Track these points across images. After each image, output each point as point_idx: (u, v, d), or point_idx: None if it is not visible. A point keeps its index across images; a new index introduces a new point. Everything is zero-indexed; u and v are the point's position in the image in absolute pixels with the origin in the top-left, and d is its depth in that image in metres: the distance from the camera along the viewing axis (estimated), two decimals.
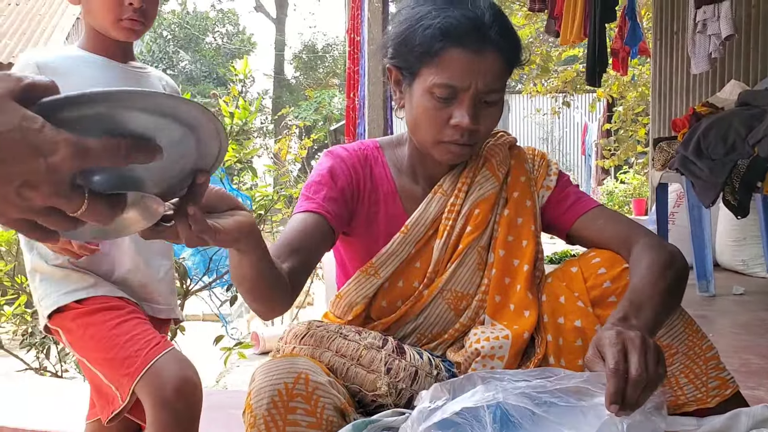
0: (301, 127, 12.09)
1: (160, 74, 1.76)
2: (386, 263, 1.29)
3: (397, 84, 1.29)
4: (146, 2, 1.56)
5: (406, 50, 1.22)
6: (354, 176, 1.32)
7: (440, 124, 1.21)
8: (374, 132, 4.01)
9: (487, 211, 1.30)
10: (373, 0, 3.93)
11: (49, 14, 10.12)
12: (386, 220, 1.32)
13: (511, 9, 7.79)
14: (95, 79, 1.58)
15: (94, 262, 1.57)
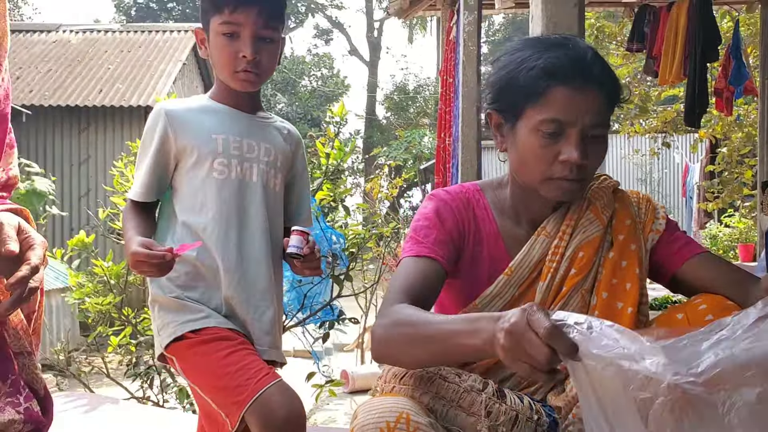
0: (392, 167, 12.24)
1: (283, 124, 1.85)
2: (489, 305, 1.29)
3: (497, 128, 1.33)
4: (260, 54, 1.64)
5: (509, 93, 1.27)
6: (459, 218, 1.34)
7: (549, 161, 1.23)
8: (467, 172, 4.02)
9: (591, 254, 1.30)
10: (467, 44, 3.98)
11: (156, 61, 10.73)
12: (489, 261, 1.33)
13: (608, 49, 7.69)
14: (217, 126, 1.70)
15: (205, 297, 1.65)
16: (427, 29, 24.34)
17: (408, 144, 19.88)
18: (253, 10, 1.63)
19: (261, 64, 1.67)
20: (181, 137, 1.69)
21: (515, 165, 1.31)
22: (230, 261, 1.65)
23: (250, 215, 1.69)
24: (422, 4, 6.38)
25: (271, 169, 1.74)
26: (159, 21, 24.35)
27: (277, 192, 1.76)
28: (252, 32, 1.64)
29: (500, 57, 1.35)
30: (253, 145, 1.73)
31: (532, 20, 1.91)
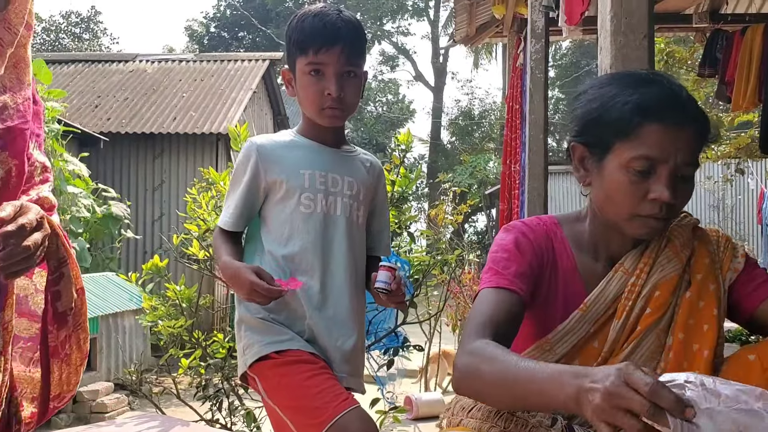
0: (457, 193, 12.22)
1: (366, 157, 1.92)
2: (562, 340, 1.28)
3: (581, 161, 1.32)
4: (344, 91, 1.72)
5: (598, 127, 1.26)
6: (537, 251, 1.33)
7: (637, 199, 1.21)
8: (534, 200, 4.00)
9: (668, 293, 1.27)
10: (535, 71, 3.98)
11: (228, 89, 11.05)
12: (564, 296, 1.32)
13: (678, 75, 7.54)
14: (304, 162, 1.78)
15: (289, 321, 1.72)
16: (493, 54, 24.35)
17: (473, 169, 19.81)
18: (336, 50, 1.71)
19: (345, 100, 1.75)
20: (271, 172, 1.78)
21: (600, 200, 1.29)
22: (314, 290, 1.72)
23: (333, 247, 1.76)
24: (488, 31, 6.40)
25: (354, 202, 1.81)
26: (230, 50, 25.11)
27: (359, 224, 1.82)
28: (336, 70, 1.72)
29: (587, 90, 1.34)
30: (337, 180, 1.80)
31: (601, 52, 1.91)
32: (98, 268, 8.32)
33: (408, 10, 28.48)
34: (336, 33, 1.73)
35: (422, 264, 4.39)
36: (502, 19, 5.84)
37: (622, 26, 1.81)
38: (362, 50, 1.78)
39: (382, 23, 28.34)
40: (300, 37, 1.73)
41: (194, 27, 28.89)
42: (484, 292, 1.27)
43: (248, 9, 26.51)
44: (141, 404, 6.43)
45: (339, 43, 1.72)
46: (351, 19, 1.77)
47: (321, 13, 1.74)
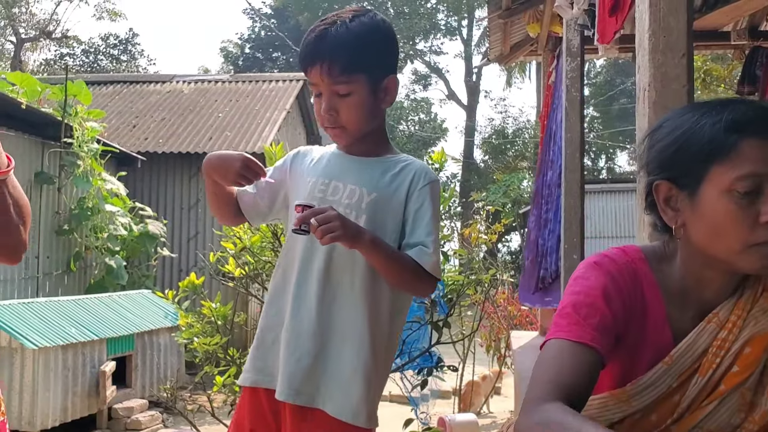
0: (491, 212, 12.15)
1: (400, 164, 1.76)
2: (642, 394, 1.17)
3: (667, 201, 1.19)
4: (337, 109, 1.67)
5: (686, 155, 1.14)
6: (626, 300, 1.19)
7: (748, 226, 1.09)
8: (571, 219, 3.96)
9: (759, 351, 1.15)
10: (571, 89, 3.95)
11: (263, 110, 11.18)
12: (651, 347, 1.20)
13: (716, 92, 7.44)
14: (313, 170, 1.77)
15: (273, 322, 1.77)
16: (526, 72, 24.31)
17: (506, 188, 19.72)
18: (316, 67, 1.65)
19: (340, 118, 1.68)
20: (291, 175, 1.81)
21: (703, 239, 1.14)
22: (288, 299, 1.70)
23: (314, 258, 1.69)
24: (523, 50, 6.39)
25: (351, 211, 1.68)
26: (264, 70, 25.44)
27: None
28: (325, 90, 1.66)
29: (662, 123, 1.23)
30: (339, 187, 1.72)
31: (639, 70, 1.89)
32: (134, 286, 8.43)
33: (441, 29, 28.62)
34: (314, 50, 1.65)
35: (456, 283, 4.36)
36: (537, 37, 5.83)
37: (661, 44, 1.79)
38: (352, 63, 1.64)
39: (415, 42, 28.50)
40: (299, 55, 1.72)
41: (229, 48, 29.39)
42: (558, 344, 1.12)
43: (282, 30, 26.88)
44: (175, 421, 6.47)
45: (317, 60, 1.64)
46: (341, 32, 1.64)
47: (312, 29, 1.68)
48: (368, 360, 1.65)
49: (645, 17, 1.82)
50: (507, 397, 7.40)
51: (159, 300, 6.86)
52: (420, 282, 1.67)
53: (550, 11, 4.88)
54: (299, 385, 1.65)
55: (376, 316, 1.68)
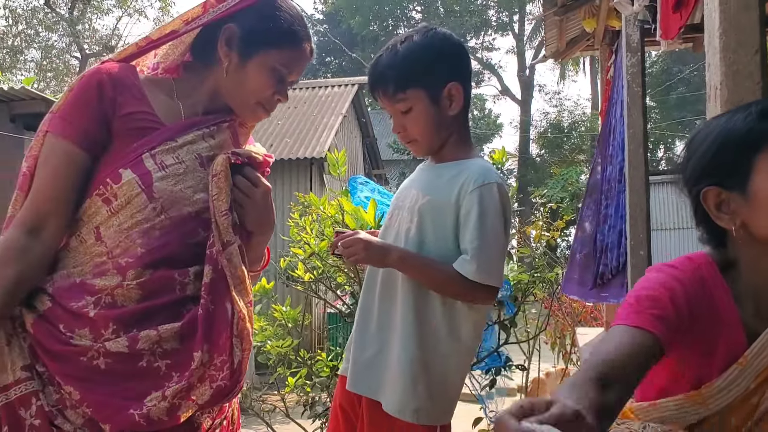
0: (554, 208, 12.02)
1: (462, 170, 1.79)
2: (717, 396, 1.18)
3: (718, 207, 1.19)
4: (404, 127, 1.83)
5: (727, 154, 1.16)
6: (695, 303, 1.19)
7: None
8: (636, 216, 3.92)
9: None
10: (632, 85, 3.92)
11: (320, 115, 11.35)
12: (725, 350, 1.20)
13: None
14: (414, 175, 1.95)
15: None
16: (580, 65, 23.95)
17: (564, 182, 19.48)
18: (378, 94, 1.82)
19: (409, 135, 1.82)
20: None
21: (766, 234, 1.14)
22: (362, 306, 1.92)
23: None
24: (579, 45, 6.33)
25: (409, 214, 1.81)
26: (318, 75, 25.74)
27: (409, 237, 1.78)
28: (390, 110, 1.83)
29: (695, 136, 1.26)
30: (408, 193, 1.86)
31: (709, 69, 1.89)
32: None
33: (492, 25, 28.44)
34: (372, 79, 1.83)
35: (522, 283, 4.37)
36: (593, 32, 5.77)
37: (732, 42, 1.77)
38: (404, 80, 1.75)
39: (467, 40, 28.38)
40: None
41: None
42: (615, 329, 1.13)
43: (335, 35, 27.13)
44: (247, 422, 6.63)
45: (377, 89, 1.82)
46: (390, 56, 1.77)
47: (373, 60, 1.87)
48: (414, 357, 1.71)
49: (714, 15, 1.81)
50: None
51: None
52: (466, 289, 1.70)
53: (607, 6, 4.84)
54: (361, 378, 1.82)
55: (425, 316, 1.75)
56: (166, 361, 1.36)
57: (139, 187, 1.38)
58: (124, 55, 1.53)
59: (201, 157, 1.46)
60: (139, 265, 1.37)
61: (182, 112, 1.51)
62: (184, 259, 1.42)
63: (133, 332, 1.34)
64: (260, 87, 1.53)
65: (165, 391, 1.33)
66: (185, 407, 1.35)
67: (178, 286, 1.40)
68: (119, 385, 1.33)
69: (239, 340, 1.42)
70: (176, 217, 1.41)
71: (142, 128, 1.43)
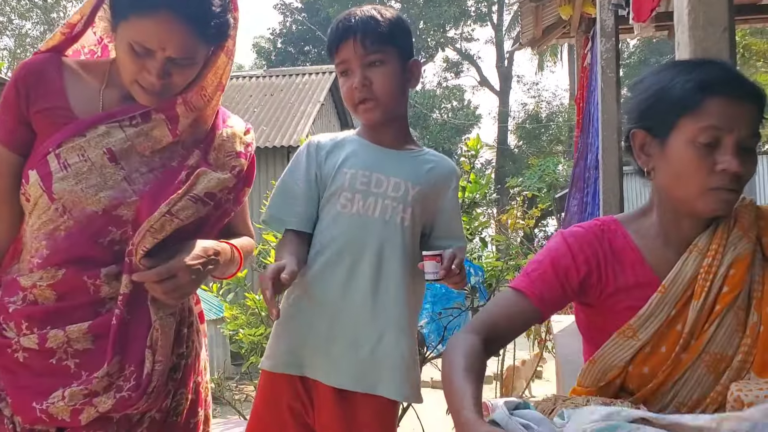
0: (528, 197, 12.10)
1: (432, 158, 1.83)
2: (645, 325, 1.30)
3: (642, 148, 1.34)
4: (370, 79, 1.70)
5: (660, 108, 1.30)
6: (586, 254, 1.36)
7: (706, 172, 1.24)
8: (610, 201, 3.93)
9: (743, 270, 1.29)
10: (606, 70, 3.92)
11: (297, 103, 11.28)
12: (638, 287, 1.33)
13: (756, 67, 7.28)
14: (349, 161, 1.77)
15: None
16: (558, 56, 24.02)
17: (542, 172, 19.56)
18: (348, 42, 1.70)
19: (373, 89, 1.71)
20: (322, 168, 1.79)
21: (668, 182, 1.31)
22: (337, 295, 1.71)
23: (365, 251, 1.72)
24: (555, 32, 6.33)
25: (398, 204, 1.73)
26: (297, 64, 25.58)
27: (404, 227, 1.73)
28: (357, 62, 1.71)
29: (642, 79, 1.38)
30: (381, 180, 1.75)
31: (679, 47, 1.88)
32: None
33: (471, 15, 28.41)
34: (345, 27, 1.71)
35: (495, 269, 4.37)
36: (569, 19, 5.77)
37: (701, 20, 1.77)
38: (383, 34, 1.70)
39: (445, 30, 28.35)
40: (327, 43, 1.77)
41: (261, 44, 29.59)
42: (504, 291, 1.38)
43: (314, 23, 26.97)
44: (222, 411, 6.59)
45: (350, 36, 1.70)
46: (369, 11, 1.72)
47: (338, 18, 1.76)
48: (408, 343, 1.73)
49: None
50: (549, 380, 7.39)
51: (203, 293, 6.99)
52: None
53: None
54: (359, 374, 1.70)
55: (414, 304, 1.79)
56: (75, 360, 1.36)
57: (41, 189, 1.36)
58: (50, 45, 1.46)
59: (111, 152, 1.39)
60: (46, 266, 1.37)
61: (101, 101, 1.43)
62: (99, 259, 1.38)
63: (45, 330, 1.35)
64: (124, 63, 1.39)
65: (65, 391, 1.33)
66: (86, 412, 1.34)
67: (91, 287, 1.38)
68: (33, 379, 1.35)
69: (151, 353, 1.39)
70: (80, 216, 1.37)
71: (54, 124, 1.39)
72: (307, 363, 1.73)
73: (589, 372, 1.35)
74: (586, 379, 1.36)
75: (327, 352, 1.71)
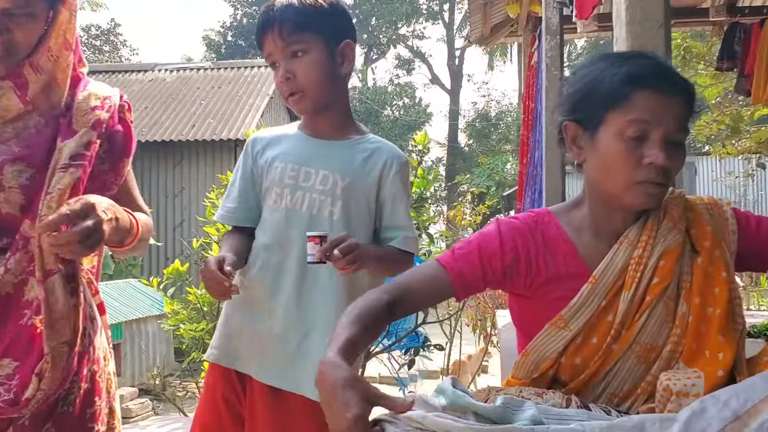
0: (476, 194, 12.21)
1: (370, 146, 1.78)
2: (576, 315, 1.29)
3: (573, 140, 1.34)
4: (293, 72, 1.66)
5: (590, 101, 1.30)
6: (519, 242, 1.35)
7: (633, 165, 1.25)
8: (552, 197, 3.98)
9: (673, 262, 1.30)
10: (550, 68, 3.97)
11: (245, 96, 11.13)
12: (569, 278, 1.33)
13: (696, 69, 7.48)
14: (280, 155, 1.75)
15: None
16: (508, 56, 24.31)
17: (491, 171, 19.77)
18: (268, 35, 1.67)
19: (297, 81, 1.67)
20: (259, 163, 1.78)
21: (597, 174, 1.31)
22: (266, 293, 1.70)
23: (292, 247, 1.70)
24: (503, 31, 6.39)
25: (326, 197, 1.70)
26: (247, 57, 25.26)
27: (333, 220, 1.70)
28: (280, 53, 1.67)
29: (576, 71, 1.39)
30: (310, 173, 1.72)
31: (617, 42, 1.91)
32: (121, 275, 8.39)
33: (422, 13, 28.50)
34: (264, 20, 1.67)
35: None
36: (517, 18, 5.83)
37: (638, 15, 1.80)
38: (302, 23, 1.65)
39: (397, 27, 28.39)
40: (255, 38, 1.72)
41: (212, 36, 29.12)
42: (430, 261, 1.39)
43: None
44: (165, 408, 6.48)
45: (269, 28, 1.66)
46: (286, 1, 1.67)
47: (262, 9, 1.71)
48: None
49: None
50: (494, 375, 7.46)
51: (146, 288, 6.86)
52: (406, 265, 1.74)
53: None
54: (284, 371, 1.68)
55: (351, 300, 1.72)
56: None
57: None
58: None
59: None
60: None
61: None
62: None
63: None
64: None
65: None
66: None
67: None
68: None
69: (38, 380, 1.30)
70: None
71: None
72: (241, 357, 1.73)
73: (522, 364, 1.35)
74: (519, 371, 1.36)
75: (257, 349, 1.71)
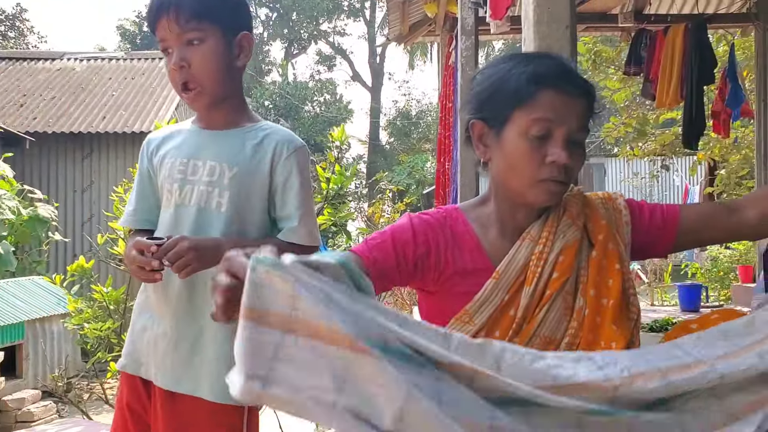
0: (395, 191, 12.27)
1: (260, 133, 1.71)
2: (480, 310, 1.32)
3: (480, 138, 1.35)
4: (189, 60, 1.59)
5: (496, 100, 1.31)
6: (426, 236, 1.36)
7: (537, 163, 1.27)
8: (466, 194, 4.03)
9: (571, 257, 1.33)
10: (465, 68, 4.01)
11: (160, 87, 10.81)
12: (475, 274, 1.35)
13: (606, 73, 7.73)
14: (170, 151, 1.70)
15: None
16: (428, 55, 24.55)
17: (411, 169, 19.94)
18: (163, 19, 1.58)
19: (193, 73, 1.60)
20: (154, 162, 1.73)
21: (502, 172, 1.33)
22: (159, 292, 1.66)
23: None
24: (422, 30, 6.44)
25: (214, 189, 1.64)
26: None
27: (221, 212, 1.63)
28: (175, 40, 1.59)
29: (483, 70, 1.40)
30: (198, 166, 1.66)
31: (524, 42, 1.94)
32: (25, 272, 8.02)
33: (344, 10, 28.46)
34: (160, 2, 1.58)
35: None
36: (435, 17, 5.88)
37: (545, 16, 1.83)
38: (200, 10, 1.57)
39: (319, 23, 28.25)
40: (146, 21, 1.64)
41: (126, 26, 28.19)
42: (342, 252, 1.39)
43: None
44: (70, 411, 6.22)
45: (164, 12, 1.57)
46: None
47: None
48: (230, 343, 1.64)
49: None
50: None
51: (51, 286, 6.56)
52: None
53: None
54: (179, 374, 1.63)
55: None
56: None
57: None
58: None
59: None
60: None
61: None
62: None
63: None
64: None
65: None
66: None
67: None
68: None
69: None
70: None
71: None
72: (144, 363, 1.68)
73: None
74: None
75: (155, 352, 1.65)
